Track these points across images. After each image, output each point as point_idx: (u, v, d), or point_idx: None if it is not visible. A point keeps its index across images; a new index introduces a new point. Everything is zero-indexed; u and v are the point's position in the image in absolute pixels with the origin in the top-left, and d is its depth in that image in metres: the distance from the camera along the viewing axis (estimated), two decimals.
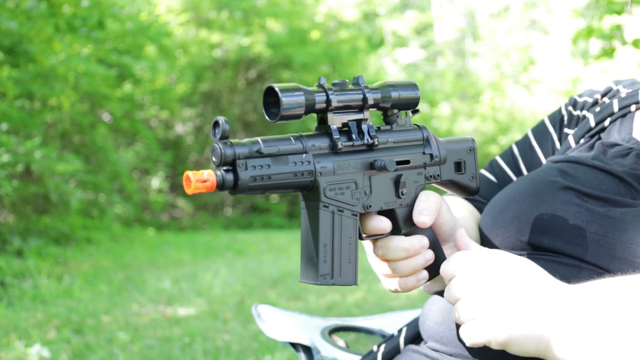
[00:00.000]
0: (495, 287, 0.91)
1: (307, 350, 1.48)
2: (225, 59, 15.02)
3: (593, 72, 9.85)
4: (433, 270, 1.08)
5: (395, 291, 1.08)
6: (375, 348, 1.36)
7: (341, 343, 1.62)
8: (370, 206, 1.02)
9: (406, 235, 1.05)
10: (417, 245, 1.04)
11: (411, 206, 1.06)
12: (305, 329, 1.58)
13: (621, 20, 7.33)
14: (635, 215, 1.04)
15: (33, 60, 7.54)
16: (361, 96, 1.01)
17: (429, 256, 1.06)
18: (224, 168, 0.92)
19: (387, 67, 20.55)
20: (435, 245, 1.08)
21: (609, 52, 7.93)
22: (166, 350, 4.03)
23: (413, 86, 1.06)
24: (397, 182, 1.05)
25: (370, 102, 1.01)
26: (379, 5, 20.51)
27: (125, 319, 4.80)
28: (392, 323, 1.77)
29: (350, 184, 1.00)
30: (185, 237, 11.27)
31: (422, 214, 1.04)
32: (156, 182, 13.91)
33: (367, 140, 1.01)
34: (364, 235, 1.05)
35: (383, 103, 1.03)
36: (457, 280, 0.95)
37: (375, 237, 1.05)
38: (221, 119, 0.91)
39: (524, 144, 1.40)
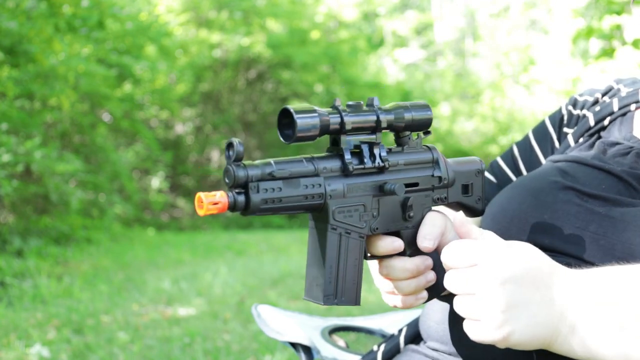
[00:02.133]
0: (501, 289, 0.88)
1: (307, 350, 1.48)
2: (225, 59, 15.02)
3: (593, 72, 9.86)
4: (434, 290, 1.08)
5: (395, 307, 1.09)
6: (375, 347, 1.36)
7: (341, 343, 1.62)
8: (377, 228, 1.03)
9: (411, 255, 1.06)
10: (421, 266, 1.04)
11: (417, 228, 1.06)
12: (305, 329, 1.58)
13: (621, 20, 7.34)
14: (635, 215, 1.04)
15: (33, 60, 7.54)
16: (375, 118, 1.01)
17: (431, 277, 1.06)
18: (236, 190, 0.92)
19: (387, 67, 20.55)
20: (438, 266, 1.08)
21: (609, 52, 7.94)
22: (166, 350, 4.03)
23: (426, 107, 1.07)
24: (404, 205, 1.05)
25: (384, 124, 1.02)
26: (379, 5, 20.51)
27: (125, 319, 4.80)
28: (392, 323, 1.77)
29: (359, 206, 1.01)
30: (185, 237, 11.27)
31: (426, 239, 1.04)
32: (156, 182, 13.91)
33: (379, 163, 1.02)
34: (368, 254, 1.06)
35: (396, 124, 1.04)
36: (460, 273, 0.92)
37: (381, 257, 1.05)
38: (235, 141, 0.91)
39: (524, 144, 1.40)
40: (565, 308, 0.90)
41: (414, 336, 1.30)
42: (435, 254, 1.08)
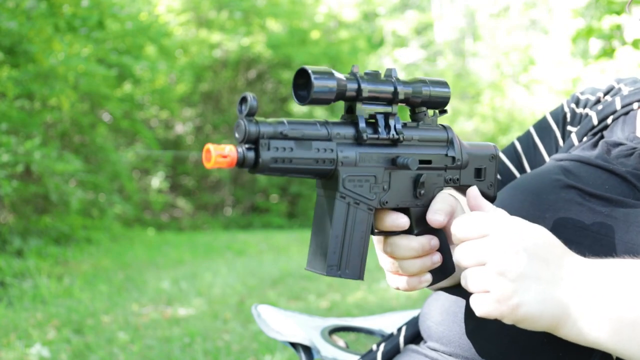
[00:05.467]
0: (513, 258, 0.87)
1: (307, 350, 1.48)
2: (225, 59, 15.02)
3: (593, 72, 9.85)
4: (439, 273, 1.06)
5: (397, 288, 1.06)
6: (374, 347, 1.35)
7: (341, 343, 1.62)
8: (386, 202, 1.00)
9: (418, 235, 1.04)
10: (427, 246, 1.02)
11: (426, 207, 1.04)
12: (305, 329, 1.57)
13: (621, 20, 7.33)
14: (637, 216, 1.04)
15: (33, 60, 7.54)
16: (392, 89, 0.99)
17: (437, 259, 1.04)
18: (246, 146, 0.90)
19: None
20: (445, 248, 1.06)
21: (608, 52, 7.93)
22: (166, 350, 4.03)
23: (444, 84, 1.04)
24: (416, 182, 1.03)
25: (401, 96, 1.00)
26: (379, 5, 20.50)
27: (125, 319, 4.80)
28: (392, 323, 1.76)
29: (370, 177, 0.98)
30: (185, 237, 11.27)
31: (437, 213, 1.02)
32: (156, 182, 13.91)
33: (393, 135, 0.99)
34: (375, 230, 1.04)
35: (413, 98, 1.01)
36: (471, 243, 0.90)
37: (387, 234, 1.03)
38: (249, 95, 0.89)
39: (526, 140, 1.39)
40: (576, 292, 0.87)
41: (414, 336, 1.29)
42: (442, 236, 1.05)
